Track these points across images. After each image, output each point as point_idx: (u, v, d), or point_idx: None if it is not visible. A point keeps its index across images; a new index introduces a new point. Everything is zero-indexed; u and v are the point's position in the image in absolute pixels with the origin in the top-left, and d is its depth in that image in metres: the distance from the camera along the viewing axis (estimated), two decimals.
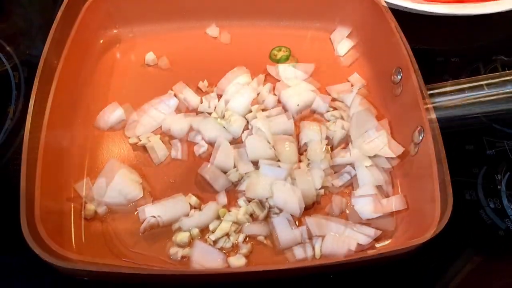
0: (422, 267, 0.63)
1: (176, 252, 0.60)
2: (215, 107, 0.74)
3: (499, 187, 0.69)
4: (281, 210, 0.64)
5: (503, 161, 0.71)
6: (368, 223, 0.64)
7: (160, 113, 0.73)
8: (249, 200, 0.64)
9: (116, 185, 0.63)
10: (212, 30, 0.84)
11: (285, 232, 0.62)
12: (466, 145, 0.75)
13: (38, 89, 0.64)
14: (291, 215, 0.63)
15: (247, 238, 0.62)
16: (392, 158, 0.69)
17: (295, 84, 0.77)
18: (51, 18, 0.72)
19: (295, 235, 0.61)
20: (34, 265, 0.55)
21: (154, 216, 0.62)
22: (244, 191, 0.65)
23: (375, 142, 0.70)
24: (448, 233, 0.56)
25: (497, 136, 0.76)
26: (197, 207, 0.64)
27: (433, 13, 0.85)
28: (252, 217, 0.64)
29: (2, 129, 0.72)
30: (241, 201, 0.64)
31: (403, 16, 0.76)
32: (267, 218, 0.63)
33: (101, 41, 0.81)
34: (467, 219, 0.67)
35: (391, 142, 0.70)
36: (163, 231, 0.62)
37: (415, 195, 0.65)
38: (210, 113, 0.73)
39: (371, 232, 0.62)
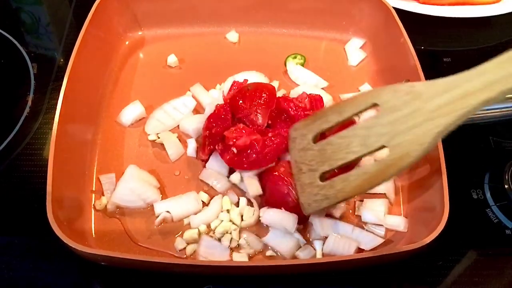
0: (428, 265, 0.65)
1: (185, 247, 0.64)
2: None
3: (506, 186, 0.69)
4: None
5: (509, 160, 0.72)
6: (379, 224, 0.66)
7: (179, 112, 0.77)
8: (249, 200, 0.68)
9: (136, 190, 0.67)
10: (232, 36, 0.88)
11: (283, 244, 0.64)
12: (473, 144, 0.77)
13: (67, 85, 0.68)
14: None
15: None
16: None
17: (309, 89, 0.79)
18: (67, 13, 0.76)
19: (294, 242, 0.64)
20: (55, 248, 0.60)
21: (168, 211, 0.66)
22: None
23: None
24: (455, 231, 0.59)
25: (504, 136, 0.78)
26: (207, 204, 0.68)
27: (440, 16, 0.88)
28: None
29: (22, 116, 0.77)
30: (242, 200, 0.68)
31: (410, 18, 0.78)
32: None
33: (127, 43, 0.86)
34: (474, 218, 0.69)
35: None
36: (175, 226, 0.66)
37: (414, 200, 0.68)
38: None
39: (382, 232, 0.66)
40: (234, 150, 0.66)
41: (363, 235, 0.65)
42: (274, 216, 0.64)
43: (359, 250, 0.64)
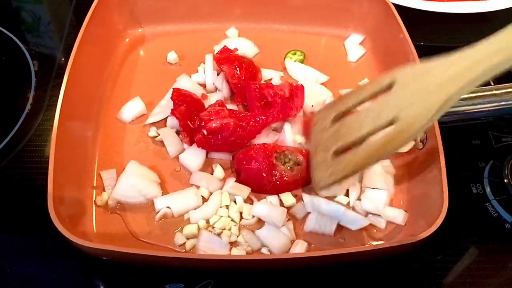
0: (428, 259, 0.65)
1: (185, 242, 0.64)
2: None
3: (505, 180, 0.70)
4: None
5: (509, 155, 0.72)
6: (378, 214, 0.67)
7: None
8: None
9: (137, 185, 0.67)
10: (231, 32, 0.88)
11: (274, 240, 0.64)
12: (473, 139, 0.77)
13: (68, 82, 0.68)
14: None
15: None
16: (398, 155, 0.72)
17: (309, 84, 0.79)
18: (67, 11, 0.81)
19: (286, 239, 0.64)
20: (56, 245, 0.60)
21: (168, 207, 0.66)
22: None
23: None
24: (455, 225, 0.59)
25: (503, 131, 0.78)
26: (207, 199, 0.68)
27: (439, 11, 0.89)
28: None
29: (23, 113, 0.78)
30: (239, 198, 0.68)
31: (409, 13, 0.78)
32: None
33: (127, 40, 0.86)
34: (473, 212, 0.69)
35: None
36: (175, 221, 0.66)
37: (414, 194, 0.69)
38: None
39: (383, 224, 0.66)
40: (205, 132, 0.68)
41: (353, 216, 0.65)
42: (263, 210, 0.65)
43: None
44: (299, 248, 0.63)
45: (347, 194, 0.69)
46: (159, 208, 0.66)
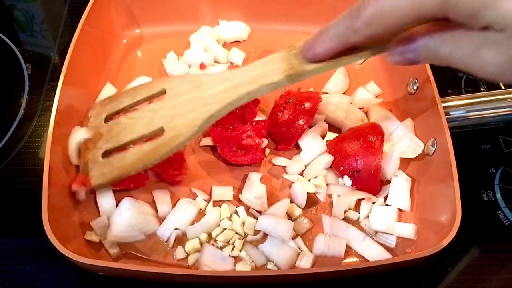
0: (438, 269, 0.63)
1: (186, 257, 0.61)
2: None
3: None
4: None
5: None
6: (389, 232, 0.64)
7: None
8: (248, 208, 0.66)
9: (136, 225, 0.62)
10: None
11: (279, 254, 0.61)
12: (482, 144, 0.75)
13: (63, 86, 0.65)
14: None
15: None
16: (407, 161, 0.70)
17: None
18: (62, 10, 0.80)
19: (291, 252, 0.61)
20: (51, 254, 0.57)
21: (176, 228, 0.63)
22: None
23: (400, 145, 0.70)
24: (465, 235, 0.57)
25: None
26: (204, 210, 0.66)
27: None
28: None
29: (16, 119, 0.75)
30: (241, 209, 0.65)
31: None
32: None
33: (124, 41, 0.84)
34: (484, 220, 0.67)
35: (413, 139, 0.70)
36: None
37: (423, 206, 0.66)
38: None
39: (393, 242, 0.63)
40: None
41: (372, 246, 0.62)
42: (269, 223, 0.62)
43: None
44: (305, 261, 0.61)
45: (357, 209, 0.66)
46: (166, 236, 0.62)
